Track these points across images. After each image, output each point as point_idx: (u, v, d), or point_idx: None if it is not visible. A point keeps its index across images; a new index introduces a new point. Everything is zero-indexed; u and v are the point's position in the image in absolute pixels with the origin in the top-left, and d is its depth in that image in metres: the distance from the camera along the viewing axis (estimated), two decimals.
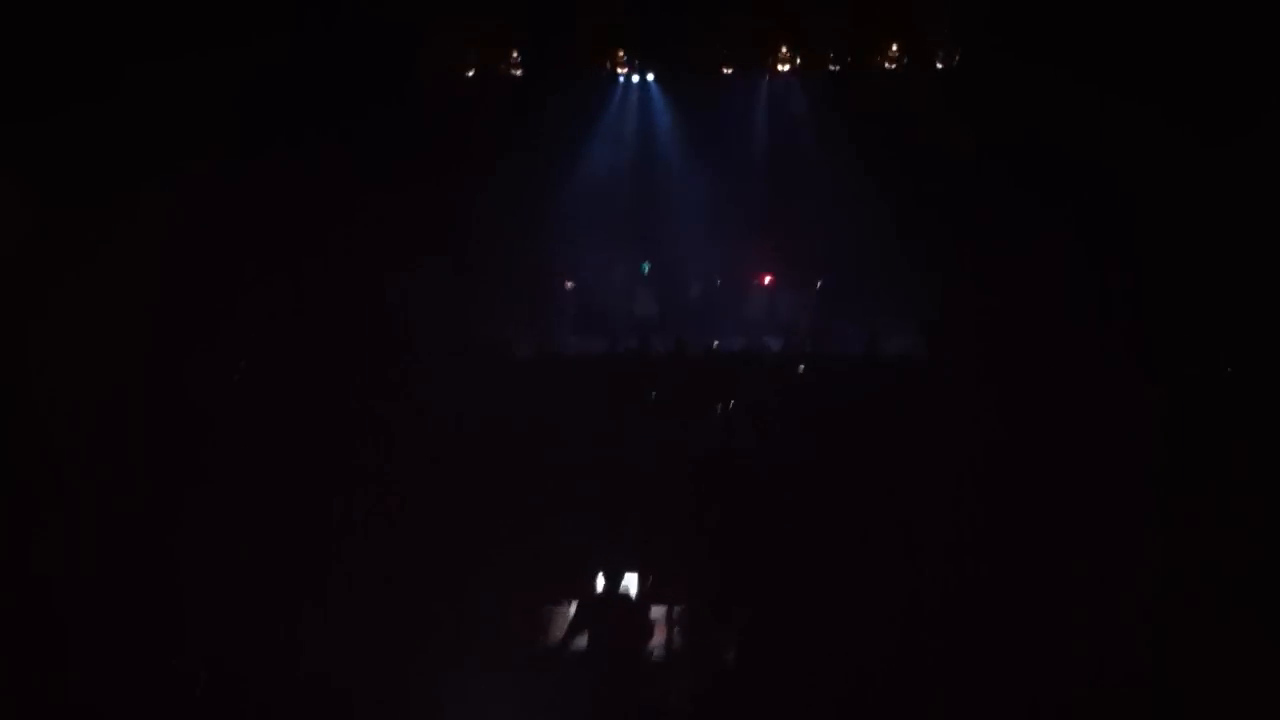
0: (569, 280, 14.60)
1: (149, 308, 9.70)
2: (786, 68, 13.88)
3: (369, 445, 8.42)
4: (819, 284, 14.14)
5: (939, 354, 11.34)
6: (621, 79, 14.47)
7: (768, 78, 14.35)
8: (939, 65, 13.41)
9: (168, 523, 7.20)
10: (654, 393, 10.47)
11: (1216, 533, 7.07)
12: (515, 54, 13.71)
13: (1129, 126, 10.95)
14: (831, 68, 13.75)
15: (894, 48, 13.45)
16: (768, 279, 14.48)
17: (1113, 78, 10.88)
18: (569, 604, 7.11)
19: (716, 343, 12.58)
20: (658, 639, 7.02)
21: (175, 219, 10.38)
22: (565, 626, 6.95)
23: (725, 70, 13.94)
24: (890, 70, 13.50)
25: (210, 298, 10.42)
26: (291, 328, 10.81)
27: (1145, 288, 10.46)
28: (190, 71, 10.56)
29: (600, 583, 7.11)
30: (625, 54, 13.98)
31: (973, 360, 10.35)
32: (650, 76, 14.49)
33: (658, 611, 7.18)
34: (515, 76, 13.87)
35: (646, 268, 14.70)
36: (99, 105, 9.95)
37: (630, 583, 7.22)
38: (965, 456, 8.24)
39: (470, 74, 13.78)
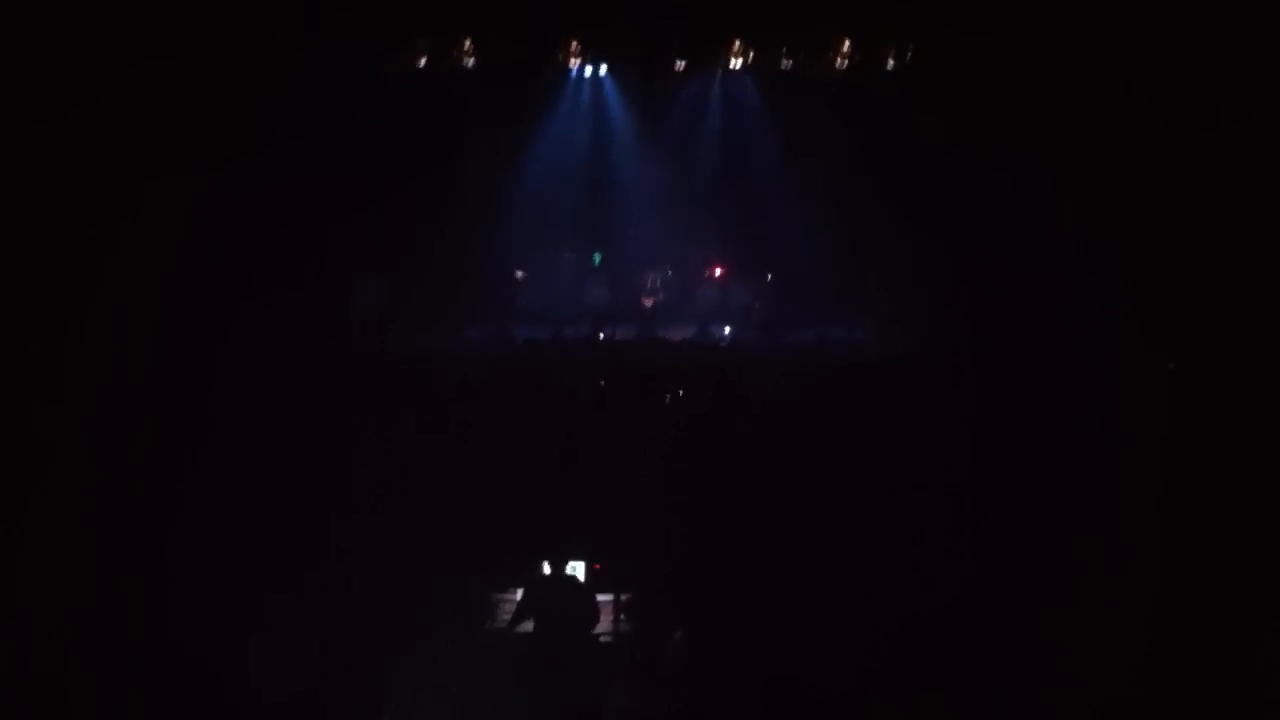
0: (520, 270, 14.59)
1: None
2: (739, 63, 13.96)
3: (321, 435, 8.37)
4: (769, 276, 14.30)
5: (895, 347, 11.47)
6: (574, 71, 14.44)
7: (720, 73, 14.42)
8: (890, 64, 13.57)
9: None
10: (604, 381, 10.50)
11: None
12: (468, 44, 13.65)
13: (1092, 117, 10.96)
14: (784, 64, 13.86)
15: (845, 45, 13.59)
16: (719, 270, 14.60)
17: (1076, 66, 10.85)
18: (517, 589, 7.12)
19: (665, 333, 12.67)
20: (605, 624, 7.05)
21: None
22: (513, 611, 6.96)
23: (678, 64, 13.99)
24: (842, 69, 13.67)
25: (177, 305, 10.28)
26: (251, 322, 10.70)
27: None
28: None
29: (547, 568, 7.13)
30: (578, 46, 13.95)
31: (934, 353, 10.45)
32: (603, 69, 14.48)
33: (605, 598, 7.22)
34: (467, 68, 13.82)
35: (598, 258, 14.74)
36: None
37: (578, 569, 7.25)
38: (926, 451, 8.32)
39: (422, 64, 13.70)
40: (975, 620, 6.70)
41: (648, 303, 14.12)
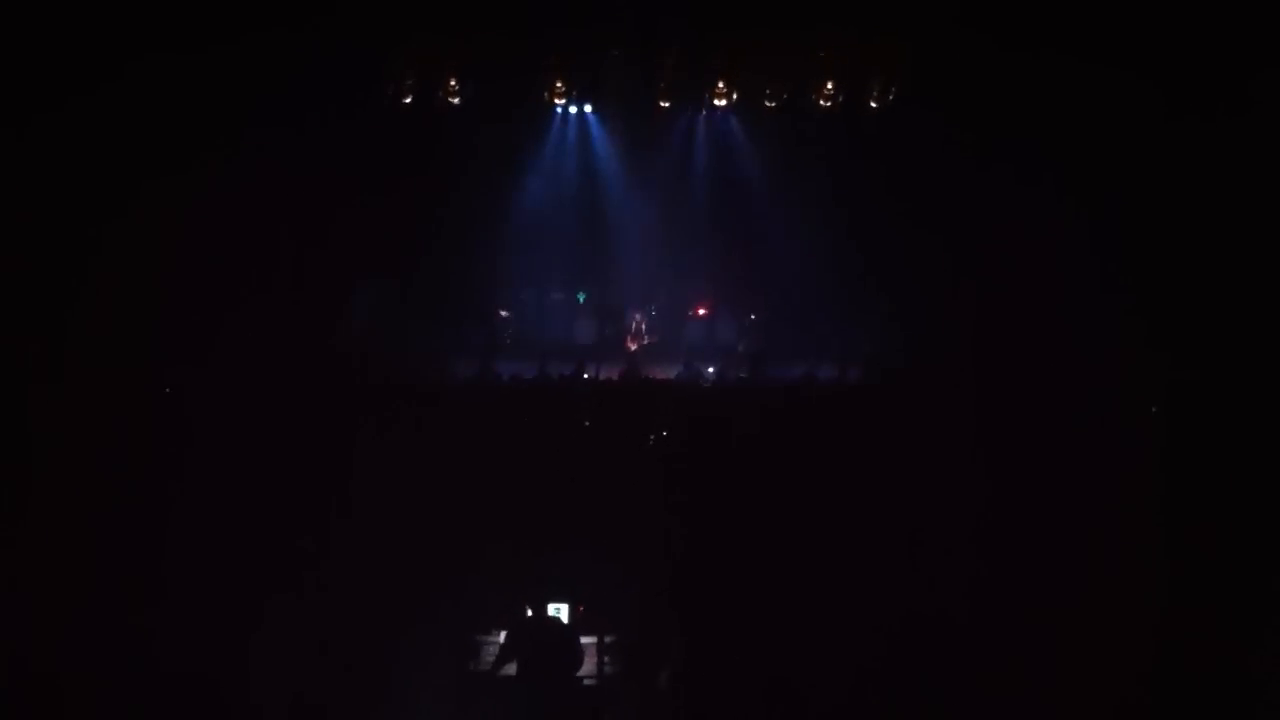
0: (504, 309, 14.59)
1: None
2: (723, 103, 14.04)
3: (300, 474, 8.28)
4: (752, 316, 14.33)
5: (881, 380, 11.44)
6: (559, 110, 14.49)
7: (704, 112, 14.51)
8: (873, 104, 13.68)
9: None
10: (588, 421, 10.44)
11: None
12: (454, 81, 13.69)
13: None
14: (768, 104, 13.96)
15: (829, 85, 13.69)
16: (703, 309, 14.61)
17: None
18: (500, 632, 7.03)
19: (650, 371, 12.65)
20: (589, 666, 6.96)
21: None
22: (496, 654, 6.87)
23: (663, 104, 14.07)
24: (825, 107, 13.79)
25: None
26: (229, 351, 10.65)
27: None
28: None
29: (531, 611, 7.04)
30: (563, 85, 13.99)
31: (920, 385, 10.41)
32: (588, 108, 14.54)
33: (589, 640, 7.13)
34: (453, 104, 13.87)
35: (583, 296, 14.74)
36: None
37: (562, 611, 7.17)
38: (912, 485, 8.27)
39: (408, 100, 13.74)
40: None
41: (633, 345, 14.12)
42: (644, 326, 14.23)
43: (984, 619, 6.77)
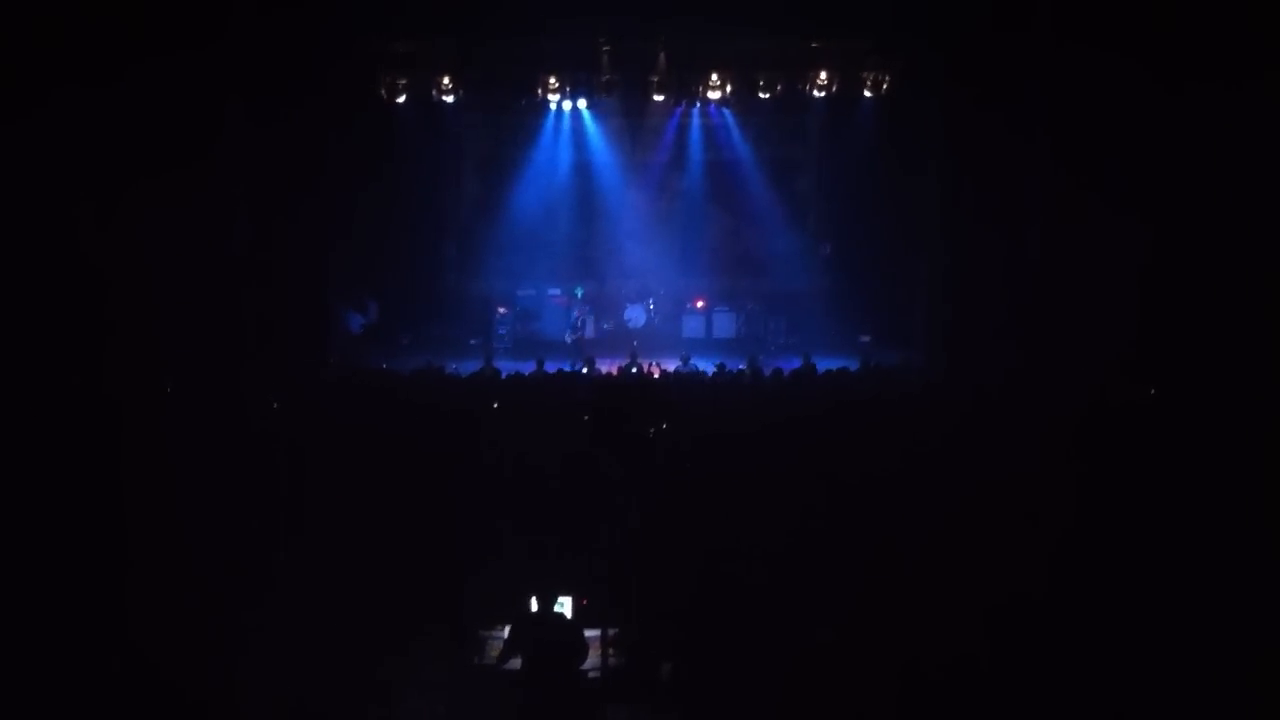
0: (501, 305, 14.60)
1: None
2: (717, 95, 14.03)
3: (303, 462, 8.28)
4: (749, 307, 14.36)
5: (877, 370, 11.45)
6: (553, 105, 14.50)
7: (699, 104, 14.52)
8: (867, 93, 13.69)
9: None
10: (588, 415, 10.43)
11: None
12: (446, 79, 13.70)
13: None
14: (761, 95, 13.95)
15: (823, 75, 13.70)
16: (701, 302, 14.62)
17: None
18: (503, 626, 7.03)
19: (652, 365, 12.65)
20: (592, 660, 6.96)
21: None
22: (500, 648, 6.87)
23: (657, 97, 14.07)
24: (820, 97, 13.82)
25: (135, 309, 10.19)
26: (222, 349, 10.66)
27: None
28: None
29: (534, 605, 7.04)
30: (556, 81, 13.99)
31: (921, 375, 10.40)
32: (582, 103, 14.53)
33: (593, 634, 7.13)
34: (447, 102, 13.89)
35: (580, 291, 14.74)
36: None
37: (565, 605, 7.16)
38: (914, 475, 8.25)
39: (401, 99, 13.74)
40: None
41: (634, 340, 14.13)
42: (642, 315, 14.19)
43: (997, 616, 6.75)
